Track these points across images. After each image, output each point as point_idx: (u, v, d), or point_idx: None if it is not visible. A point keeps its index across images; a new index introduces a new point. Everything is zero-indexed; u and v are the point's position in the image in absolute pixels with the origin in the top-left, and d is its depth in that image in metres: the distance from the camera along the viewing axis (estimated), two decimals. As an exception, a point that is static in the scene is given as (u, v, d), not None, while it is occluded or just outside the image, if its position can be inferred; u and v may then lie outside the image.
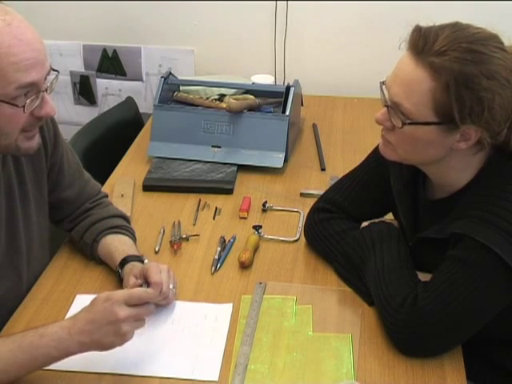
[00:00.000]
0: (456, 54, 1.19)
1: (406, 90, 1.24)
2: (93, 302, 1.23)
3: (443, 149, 1.28)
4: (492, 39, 1.23)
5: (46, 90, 1.26)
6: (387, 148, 1.36)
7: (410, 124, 1.25)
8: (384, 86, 1.31)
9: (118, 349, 1.28)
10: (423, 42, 1.22)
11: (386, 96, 1.30)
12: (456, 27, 1.24)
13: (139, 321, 1.25)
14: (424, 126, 1.25)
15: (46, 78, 1.25)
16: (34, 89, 1.23)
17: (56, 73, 1.30)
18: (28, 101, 1.22)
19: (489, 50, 1.21)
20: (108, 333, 1.20)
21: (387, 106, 1.30)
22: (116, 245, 1.54)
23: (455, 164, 1.32)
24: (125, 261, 1.48)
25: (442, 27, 1.24)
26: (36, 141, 1.33)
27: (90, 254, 1.59)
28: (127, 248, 1.53)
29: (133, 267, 1.45)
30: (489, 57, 1.20)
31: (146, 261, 1.49)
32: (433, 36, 1.22)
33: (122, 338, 1.22)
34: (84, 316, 1.21)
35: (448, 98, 1.20)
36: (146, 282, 1.39)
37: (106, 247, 1.55)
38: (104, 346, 1.22)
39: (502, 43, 1.24)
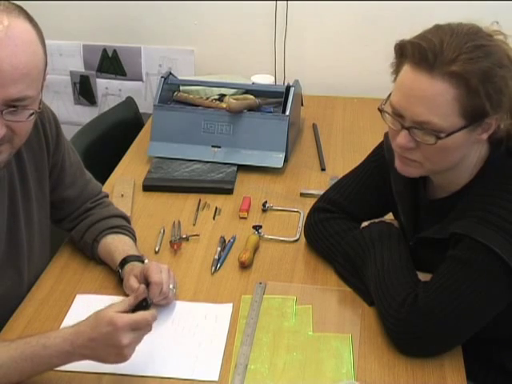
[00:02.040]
0: (468, 56, 1.19)
1: (429, 107, 1.22)
2: (96, 321, 1.19)
3: (468, 146, 1.28)
4: (480, 30, 1.25)
5: (2, 112, 1.17)
6: (411, 167, 1.33)
7: (446, 137, 1.23)
8: (388, 112, 1.28)
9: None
10: (432, 56, 1.20)
11: (402, 119, 1.26)
12: (445, 30, 1.23)
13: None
14: (455, 134, 1.23)
15: (8, 103, 1.17)
16: None
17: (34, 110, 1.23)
18: None
19: (486, 41, 1.22)
20: (110, 353, 1.20)
21: (407, 128, 1.26)
22: (116, 245, 1.54)
23: (459, 161, 1.32)
24: (125, 261, 1.48)
25: (432, 35, 1.22)
26: (1, 158, 1.25)
27: (90, 253, 1.59)
28: (127, 248, 1.53)
29: (133, 267, 1.45)
30: (490, 47, 1.22)
31: (146, 261, 1.49)
32: (438, 47, 1.20)
33: (123, 359, 1.21)
34: (87, 332, 1.19)
35: (478, 98, 1.20)
36: (146, 281, 1.39)
37: (106, 247, 1.55)
38: (105, 362, 1.22)
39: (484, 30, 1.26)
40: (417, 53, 1.22)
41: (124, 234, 1.59)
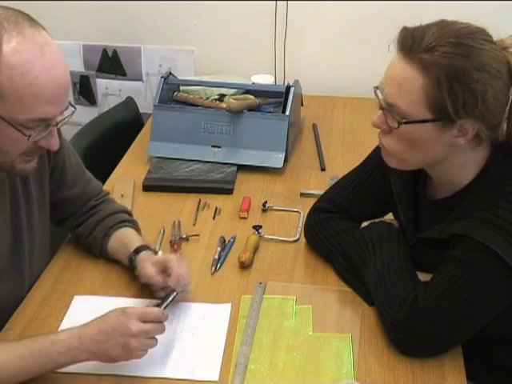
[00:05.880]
0: (445, 50, 1.20)
1: (398, 90, 1.25)
2: (108, 314, 1.25)
3: (442, 146, 1.28)
4: (479, 32, 1.24)
5: (57, 124, 1.25)
6: (388, 156, 1.36)
7: (405, 123, 1.25)
8: (378, 90, 1.31)
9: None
10: (411, 41, 1.22)
11: (381, 98, 1.30)
12: (442, 24, 1.24)
13: (150, 339, 1.26)
14: (420, 125, 1.25)
15: (61, 113, 1.25)
16: (44, 122, 1.21)
17: (73, 109, 1.30)
18: (34, 132, 1.21)
19: (476, 43, 1.21)
20: (117, 345, 1.22)
21: (382, 109, 1.30)
22: (129, 236, 1.57)
23: (456, 161, 1.32)
24: (140, 248, 1.50)
25: (429, 25, 1.25)
26: (32, 165, 1.31)
27: (98, 248, 1.59)
28: (140, 240, 1.56)
29: (149, 255, 1.48)
30: (477, 49, 1.21)
31: (160, 252, 1.51)
32: (420, 34, 1.22)
33: (129, 353, 1.23)
34: (97, 325, 1.23)
35: (440, 93, 1.20)
36: (164, 272, 1.41)
37: (119, 238, 1.57)
38: (111, 358, 1.24)
39: (489, 36, 1.25)
40: (400, 37, 1.25)
41: (133, 228, 1.61)
